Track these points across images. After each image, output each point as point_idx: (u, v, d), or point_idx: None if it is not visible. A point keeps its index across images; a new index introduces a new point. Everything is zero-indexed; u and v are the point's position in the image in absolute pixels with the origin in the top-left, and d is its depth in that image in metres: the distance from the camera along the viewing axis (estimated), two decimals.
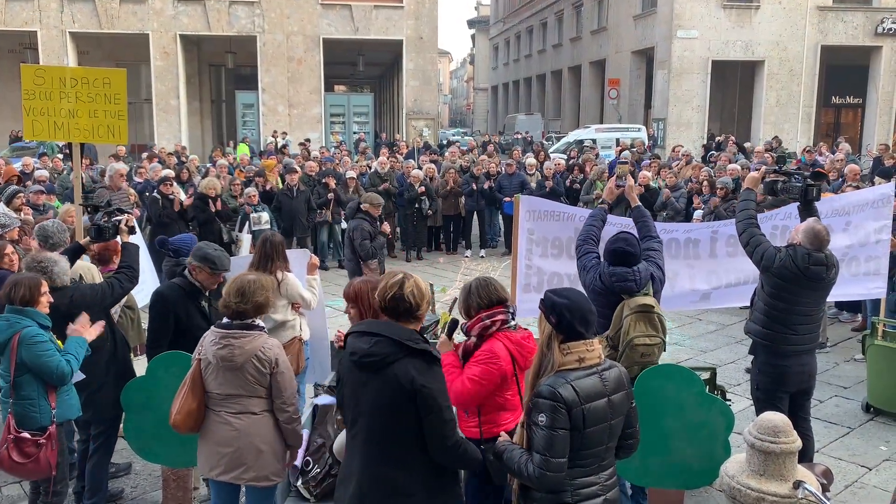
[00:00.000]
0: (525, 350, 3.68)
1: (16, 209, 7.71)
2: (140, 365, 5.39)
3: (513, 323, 3.74)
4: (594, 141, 23.50)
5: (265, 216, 10.96)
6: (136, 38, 24.37)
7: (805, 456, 4.49)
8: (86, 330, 4.36)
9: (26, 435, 4.13)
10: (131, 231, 5.20)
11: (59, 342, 4.23)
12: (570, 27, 37.32)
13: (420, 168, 13.93)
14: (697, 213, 10.56)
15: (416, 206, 13.02)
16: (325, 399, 4.42)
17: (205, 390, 3.80)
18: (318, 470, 4.19)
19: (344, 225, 12.97)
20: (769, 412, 3.12)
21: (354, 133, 25.92)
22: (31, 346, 4.08)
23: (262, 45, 24.65)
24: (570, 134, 27.32)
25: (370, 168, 14.53)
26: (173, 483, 4.73)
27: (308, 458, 4.32)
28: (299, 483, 4.22)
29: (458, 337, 3.78)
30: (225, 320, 3.80)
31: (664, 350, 4.50)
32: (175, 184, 11.00)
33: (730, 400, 5.55)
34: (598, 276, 4.51)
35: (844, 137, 21.72)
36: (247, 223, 10.83)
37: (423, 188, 13.04)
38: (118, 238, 5.19)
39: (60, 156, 15.75)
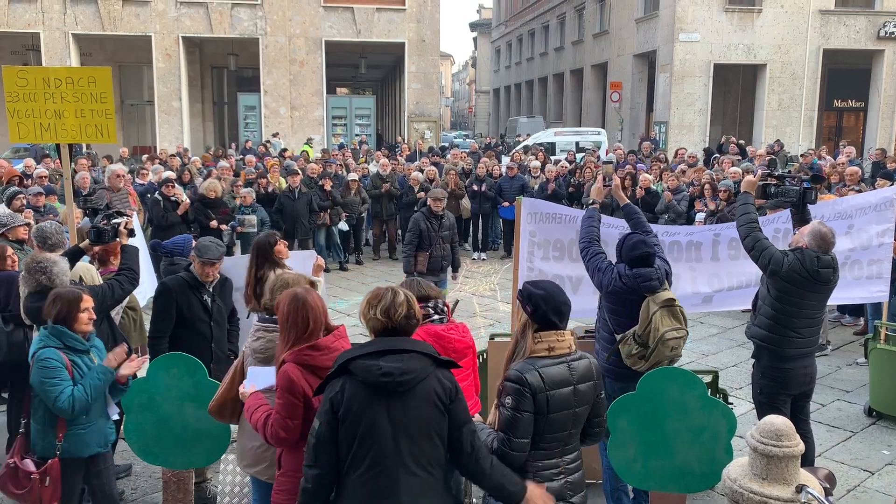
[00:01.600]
0: (444, 341, 3.87)
1: (16, 211, 7.70)
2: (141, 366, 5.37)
3: (437, 318, 3.98)
4: (553, 144, 23.58)
5: (252, 219, 10.94)
6: (138, 40, 24.41)
7: (806, 459, 4.47)
8: (127, 365, 4.06)
9: (28, 462, 3.87)
10: (130, 233, 5.22)
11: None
12: (571, 30, 37.32)
13: (421, 171, 13.94)
14: (699, 216, 10.54)
15: (415, 209, 13.04)
16: None
17: None
18: None
19: (343, 226, 13.00)
20: (771, 415, 3.09)
21: (356, 135, 25.92)
22: (38, 370, 3.81)
23: (264, 48, 24.67)
24: (530, 137, 27.31)
25: (368, 170, 14.55)
26: (173, 485, 4.72)
27: None
28: None
29: None
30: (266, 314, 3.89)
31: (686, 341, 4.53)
32: (177, 185, 11.01)
33: (732, 403, 5.53)
34: (618, 278, 4.48)
35: (847, 141, 21.65)
36: (234, 232, 10.87)
37: (422, 193, 13.05)
38: (118, 240, 5.21)
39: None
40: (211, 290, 5.14)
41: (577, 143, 23.79)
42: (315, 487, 2.81)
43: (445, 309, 4.11)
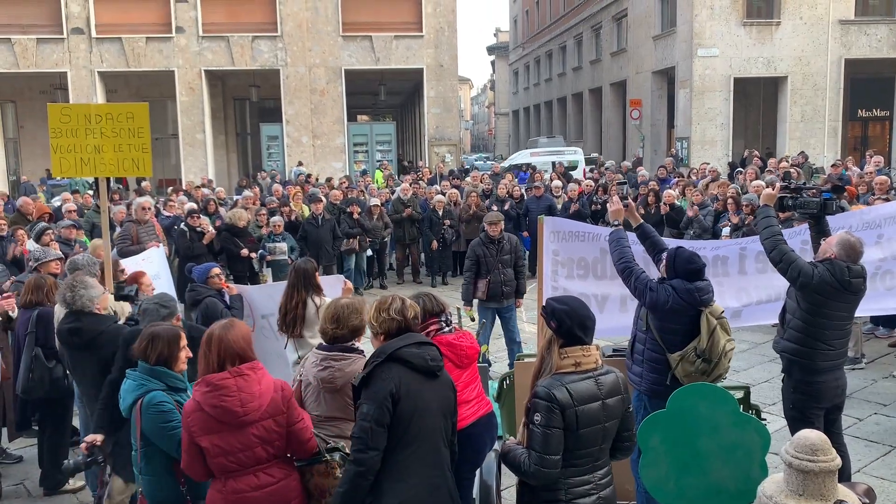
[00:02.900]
0: (457, 349, 4.08)
1: (44, 246, 7.85)
2: None
3: (447, 329, 4.16)
4: (530, 164, 23.42)
5: (283, 246, 11.03)
6: (162, 75, 24.86)
7: (842, 474, 4.37)
8: None
9: None
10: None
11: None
12: (589, 50, 37.42)
13: (443, 194, 14.02)
14: (725, 231, 10.44)
15: (441, 234, 13.20)
16: None
17: None
18: None
19: (369, 252, 13.10)
20: (806, 430, 3.04)
21: (378, 161, 26.10)
22: (152, 416, 3.57)
23: (285, 78, 25.00)
24: (508, 158, 27.38)
25: (389, 195, 14.67)
26: None
27: None
28: None
29: None
30: (324, 343, 3.85)
31: None
32: (203, 216, 11.14)
33: (764, 419, 5.43)
34: (674, 293, 4.39)
35: (873, 150, 21.36)
36: (263, 261, 10.94)
37: (448, 221, 13.17)
38: None
39: (91, 192, 16.08)
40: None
41: (553, 163, 23.62)
42: (369, 469, 3.04)
43: (452, 321, 4.30)
